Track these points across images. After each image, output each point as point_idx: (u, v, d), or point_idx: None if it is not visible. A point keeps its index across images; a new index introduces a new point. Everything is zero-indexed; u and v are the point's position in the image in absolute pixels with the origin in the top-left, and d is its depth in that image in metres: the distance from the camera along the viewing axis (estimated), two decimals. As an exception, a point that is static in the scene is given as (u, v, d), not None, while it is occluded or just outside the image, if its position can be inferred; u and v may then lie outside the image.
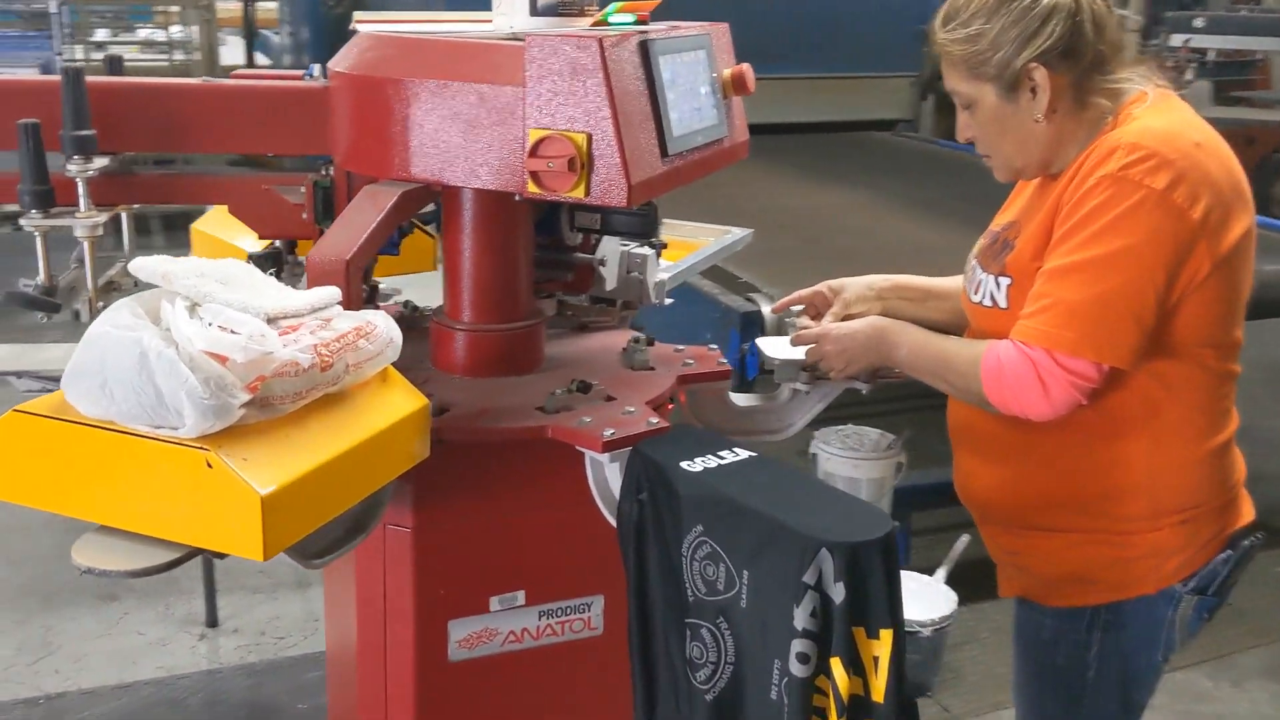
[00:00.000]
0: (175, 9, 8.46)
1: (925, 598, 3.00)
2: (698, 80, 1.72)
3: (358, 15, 1.74)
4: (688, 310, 3.02)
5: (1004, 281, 1.68)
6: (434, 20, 1.77)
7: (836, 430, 3.44)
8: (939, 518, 3.45)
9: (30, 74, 5.79)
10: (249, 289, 1.29)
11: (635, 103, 1.53)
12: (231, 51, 9.40)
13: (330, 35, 6.60)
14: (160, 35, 9.28)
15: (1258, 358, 1.76)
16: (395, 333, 1.36)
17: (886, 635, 1.34)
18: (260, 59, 8.38)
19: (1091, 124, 1.65)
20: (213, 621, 3.31)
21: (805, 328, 1.95)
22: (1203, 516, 1.68)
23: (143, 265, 1.27)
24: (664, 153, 1.58)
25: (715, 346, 2.00)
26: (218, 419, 1.14)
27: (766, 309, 2.81)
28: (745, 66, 1.83)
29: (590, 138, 1.48)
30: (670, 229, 2.71)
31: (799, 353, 1.94)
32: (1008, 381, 1.59)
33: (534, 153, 1.49)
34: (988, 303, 1.71)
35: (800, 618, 1.34)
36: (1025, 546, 1.78)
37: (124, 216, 1.86)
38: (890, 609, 1.34)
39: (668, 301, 2.17)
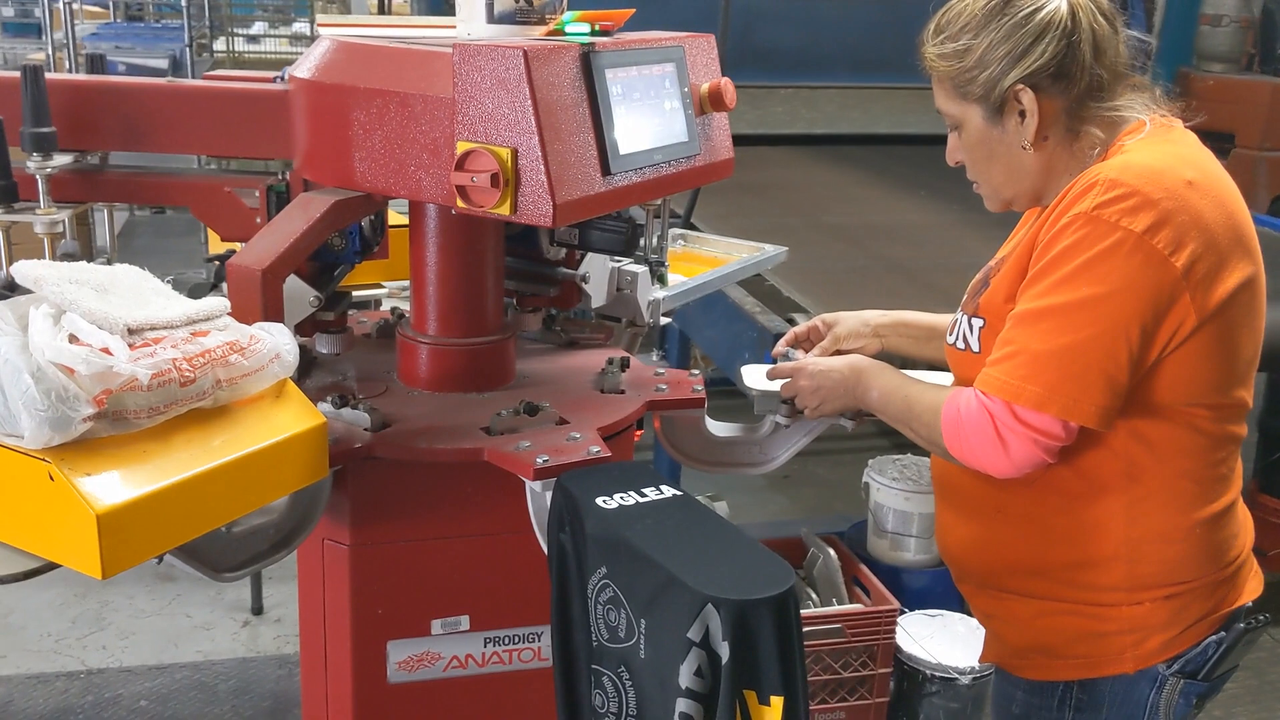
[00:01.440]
0: (319, 3, 8.71)
1: (972, 644, 2.83)
2: (662, 94, 1.63)
3: (320, 19, 1.70)
4: (730, 327, 2.93)
5: (977, 323, 1.54)
6: (399, 25, 1.72)
7: (894, 460, 3.29)
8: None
9: (160, 65, 6.03)
10: (129, 298, 1.26)
11: (569, 117, 1.45)
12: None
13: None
14: (308, 30, 9.57)
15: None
16: (286, 348, 1.32)
17: (777, 703, 1.23)
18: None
19: (1085, 155, 1.49)
20: (258, 609, 3.37)
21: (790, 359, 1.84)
22: (1192, 593, 1.51)
23: (21, 268, 1.26)
24: (605, 170, 1.50)
25: (696, 372, 1.90)
26: (56, 431, 1.12)
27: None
28: (725, 80, 1.73)
29: (515, 153, 1.41)
30: (702, 243, 2.63)
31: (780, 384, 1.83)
32: (966, 434, 1.45)
33: (460, 166, 1.43)
34: (960, 345, 1.57)
35: (685, 676, 1.24)
36: (996, 610, 1.63)
37: (105, 213, 1.87)
38: (784, 675, 1.23)
39: (664, 321, 2.09)
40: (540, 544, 1.58)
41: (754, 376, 1.86)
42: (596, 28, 1.61)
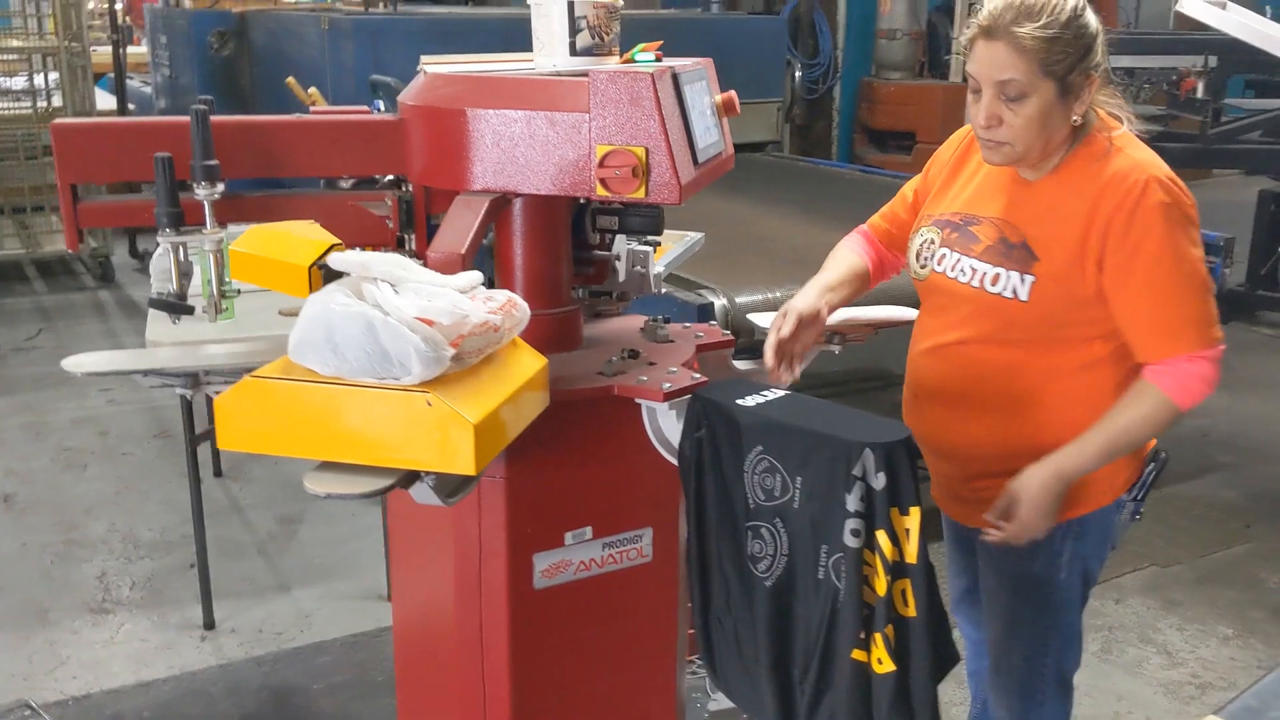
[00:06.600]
0: (34, 56, 8.43)
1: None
2: (705, 104, 2.14)
3: (425, 58, 2.10)
4: (640, 305, 3.44)
5: (1029, 279, 1.98)
6: (486, 60, 2.14)
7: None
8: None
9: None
10: (419, 273, 1.64)
11: (675, 122, 1.93)
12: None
13: (217, 77, 6.80)
14: (17, 83, 9.19)
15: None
16: (526, 306, 1.74)
17: (915, 511, 1.77)
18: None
19: (1078, 132, 2.00)
20: (210, 624, 3.54)
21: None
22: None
23: (342, 258, 1.61)
24: (695, 162, 1.99)
25: (715, 323, 2.41)
26: (437, 368, 1.50)
27: (716, 301, 3.25)
28: (732, 93, 2.26)
29: (648, 150, 1.88)
30: (633, 235, 3.12)
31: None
32: (1198, 391, 1.95)
33: (602, 164, 1.89)
34: (1008, 294, 2.00)
35: (852, 502, 1.75)
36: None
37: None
38: (915, 491, 1.77)
39: (664, 290, 2.58)
40: (661, 456, 2.05)
41: (764, 319, 2.39)
42: (656, 56, 2.10)
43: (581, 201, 2.19)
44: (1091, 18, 1.96)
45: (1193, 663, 3.43)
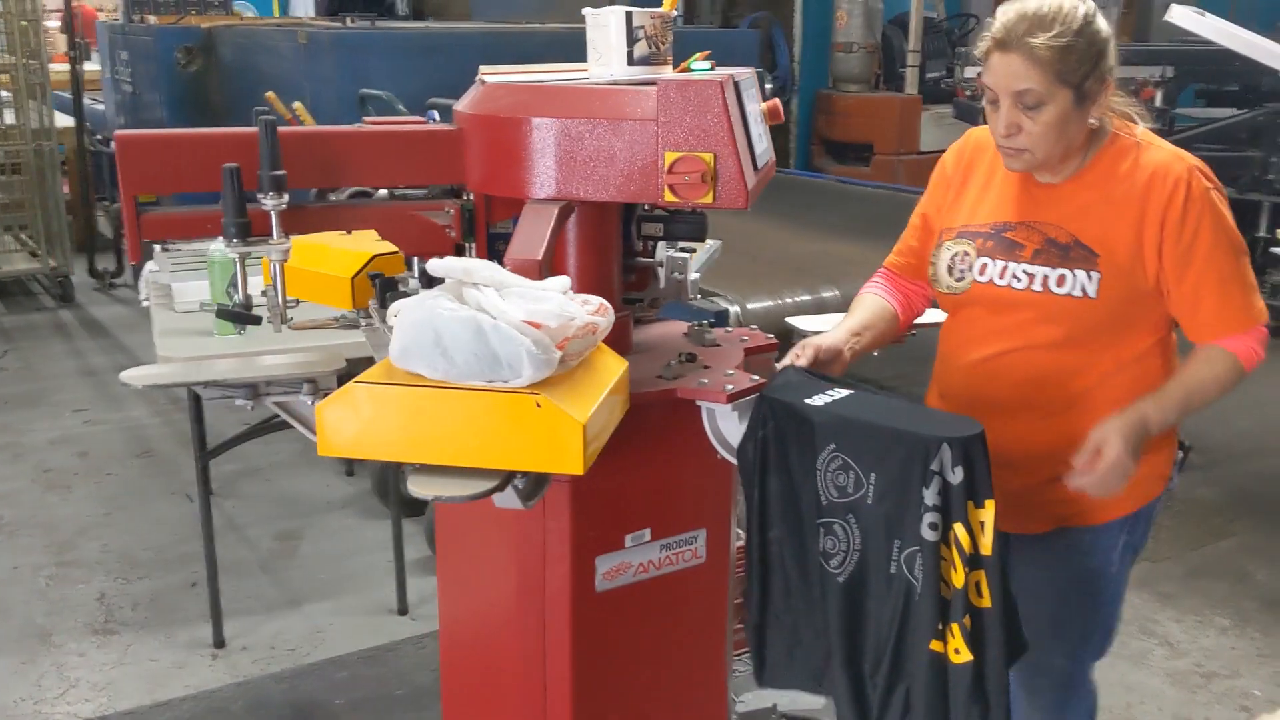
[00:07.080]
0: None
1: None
2: (756, 112, 2.18)
3: (484, 68, 2.12)
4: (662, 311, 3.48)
5: (1095, 275, 2.01)
6: (543, 71, 2.17)
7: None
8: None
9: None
10: (514, 279, 1.66)
11: (740, 129, 1.97)
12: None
13: (184, 93, 6.73)
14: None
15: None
16: (612, 309, 1.76)
17: (989, 504, 1.81)
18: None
19: (1095, 135, 2.06)
20: (220, 642, 3.50)
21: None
22: (1175, 429, 2.20)
23: (442, 265, 1.63)
24: (755, 167, 2.03)
25: (755, 327, 2.45)
26: (547, 369, 1.52)
27: (731, 309, 3.29)
28: (775, 101, 2.30)
29: (716, 157, 1.92)
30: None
31: (825, 324, 2.42)
32: (1260, 354, 2.04)
33: (671, 170, 1.92)
34: (1077, 293, 2.03)
35: (930, 496, 1.80)
36: (1076, 494, 2.09)
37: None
38: (990, 484, 1.82)
39: (698, 297, 2.62)
40: (721, 455, 2.09)
41: (805, 323, 2.44)
42: (711, 65, 2.13)
43: (643, 209, 2.22)
44: (1102, 23, 2.00)
45: (1195, 653, 3.53)
